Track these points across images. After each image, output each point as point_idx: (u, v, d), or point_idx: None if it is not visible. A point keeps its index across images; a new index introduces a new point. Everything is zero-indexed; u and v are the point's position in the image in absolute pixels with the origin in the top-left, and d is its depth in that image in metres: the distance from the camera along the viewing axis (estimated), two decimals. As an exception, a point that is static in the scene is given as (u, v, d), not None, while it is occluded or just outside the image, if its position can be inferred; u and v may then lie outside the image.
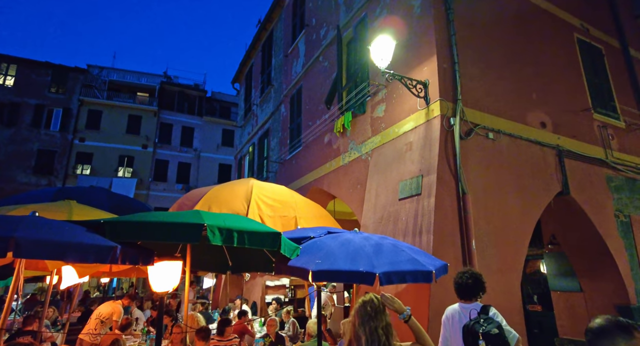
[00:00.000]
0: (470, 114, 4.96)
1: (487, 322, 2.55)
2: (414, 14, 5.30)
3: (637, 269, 5.96)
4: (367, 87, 6.21)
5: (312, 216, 6.39)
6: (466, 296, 2.93)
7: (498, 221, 4.85)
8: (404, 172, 5.19)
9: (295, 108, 9.30)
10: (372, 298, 1.98)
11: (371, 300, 1.97)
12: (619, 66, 7.30)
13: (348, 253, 3.37)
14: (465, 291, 2.94)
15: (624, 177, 6.45)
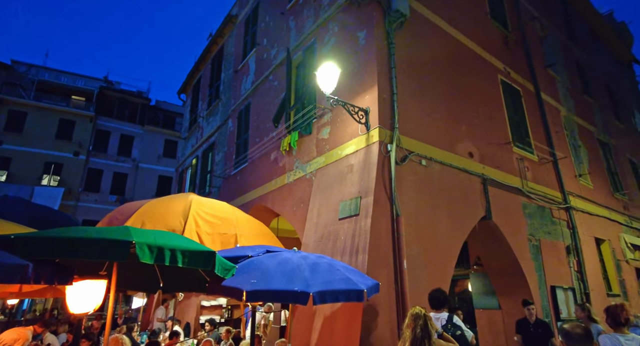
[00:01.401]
0: (406, 142, 5.33)
1: (454, 327, 3.64)
2: (359, 44, 5.66)
3: (543, 288, 6.65)
4: (314, 110, 6.41)
5: (253, 234, 6.31)
6: (437, 307, 3.93)
7: (428, 242, 5.18)
8: (344, 193, 5.38)
9: (242, 124, 9.26)
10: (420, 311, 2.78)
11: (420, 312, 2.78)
12: (533, 107, 8.33)
13: (285, 272, 3.40)
14: (437, 304, 3.94)
15: (536, 204, 7.25)
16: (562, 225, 7.76)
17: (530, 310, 5.09)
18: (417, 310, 2.76)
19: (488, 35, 7.86)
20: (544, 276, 6.83)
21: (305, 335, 4.92)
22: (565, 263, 7.48)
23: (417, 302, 4.71)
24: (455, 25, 6.94)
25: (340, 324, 4.57)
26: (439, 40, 6.58)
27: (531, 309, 5.09)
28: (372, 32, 5.42)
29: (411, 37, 5.94)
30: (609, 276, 8.71)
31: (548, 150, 8.13)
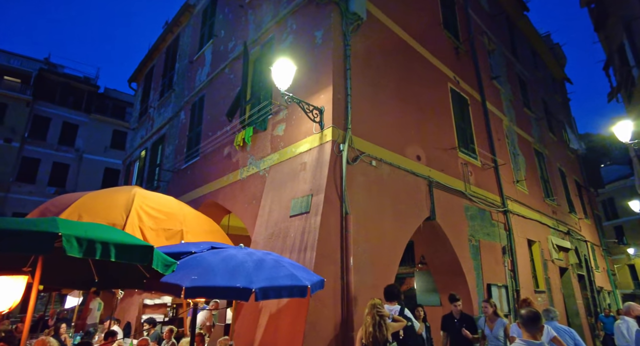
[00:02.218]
0: (358, 142, 5.45)
1: (404, 318, 4.07)
2: (316, 43, 5.70)
3: (480, 286, 7.11)
4: (270, 106, 6.36)
5: (201, 230, 6.14)
6: (391, 299, 4.33)
7: (375, 240, 5.33)
8: (296, 191, 5.39)
9: (196, 116, 8.96)
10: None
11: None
12: (478, 115, 8.87)
13: (228, 269, 3.34)
14: (390, 296, 4.36)
15: (477, 207, 7.73)
16: (499, 227, 8.34)
17: (456, 306, 5.12)
18: (374, 300, 3.72)
19: (440, 45, 8.25)
20: (481, 275, 7.29)
21: (250, 333, 4.87)
22: (500, 262, 8.04)
23: (362, 298, 4.86)
24: (410, 33, 7.21)
25: (285, 320, 4.58)
26: (394, 45, 6.79)
27: (457, 305, 5.12)
28: (329, 32, 5.48)
29: (367, 40, 6.08)
30: (537, 275, 9.50)
31: (490, 157, 8.70)
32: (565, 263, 11.40)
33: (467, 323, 4.93)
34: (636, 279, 27.68)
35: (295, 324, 4.37)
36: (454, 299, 5.13)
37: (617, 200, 27.61)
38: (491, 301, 4.91)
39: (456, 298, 5.19)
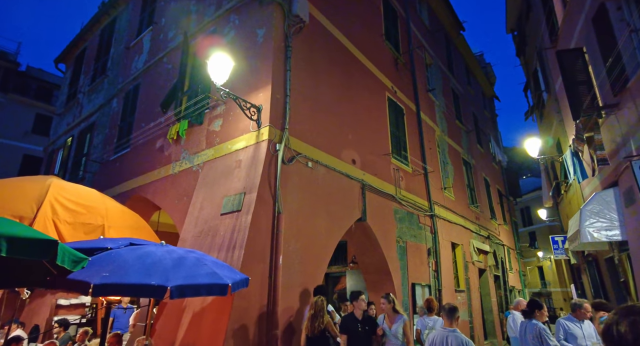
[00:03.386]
0: (295, 143, 5.53)
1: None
2: (258, 41, 5.68)
3: (405, 285, 7.56)
4: (208, 100, 6.20)
5: (126, 226, 5.81)
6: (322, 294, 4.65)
7: (306, 240, 5.44)
8: (229, 188, 5.32)
9: (129, 105, 8.44)
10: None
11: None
12: (413, 125, 9.42)
13: (144, 266, 3.21)
14: (320, 294, 4.63)
15: (406, 210, 8.21)
16: (426, 230, 8.92)
17: (372, 309, 5.12)
18: (317, 298, 4.43)
19: (381, 55, 8.64)
20: (407, 274, 7.75)
21: (172, 332, 4.71)
22: (425, 263, 8.61)
23: (289, 297, 4.94)
24: (353, 41, 7.47)
25: (208, 319, 4.50)
26: (336, 51, 6.99)
27: (373, 309, 5.10)
28: (271, 31, 5.50)
29: (309, 44, 6.19)
30: (459, 275, 10.31)
31: (421, 164, 9.29)
32: (484, 265, 12.50)
33: (370, 325, 4.37)
34: (543, 279, 31.14)
35: (218, 322, 4.32)
36: (355, 297, 4.43)
37: (532, 209, 30.84)
38: (390, 297, 4.54)
39: (371, 303, 4.93)
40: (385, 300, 4.51)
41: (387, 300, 4.50)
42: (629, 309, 1.32)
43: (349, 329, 4.26)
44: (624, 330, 1.27)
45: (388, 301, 4.48)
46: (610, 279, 8.05)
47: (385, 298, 4.52)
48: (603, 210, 6.40)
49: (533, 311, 4.17)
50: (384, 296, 4.57)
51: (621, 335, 1.28)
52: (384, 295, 4.59)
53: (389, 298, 4.50)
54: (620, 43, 4.98)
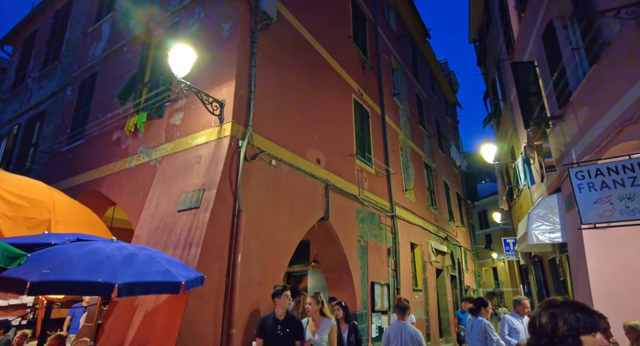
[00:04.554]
0: (258, 140, 5.48)
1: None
2: (223, 35, 5.58)
3: (365, 284, 7.70)
4: (168, 92, 6.00)
5: (76, 222, 5.48)
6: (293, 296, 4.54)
7: (267, 238, 5.40)
8: (188, 184, 5.18)
9: (85, 94, 7.99)
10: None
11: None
12: (377, 127, 9.63)
13: (90, 262, 3.06)
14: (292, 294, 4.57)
15: (368, 211, 8.37)
16: (386, 230, 9.14)
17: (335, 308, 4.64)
18: (300, 297, 4.77)
19: (349, 57, 8.76)
20: (366, 273, 7.90)
21: (121, 332, 4.51)
22: (385, 262, 8.82)
23: (248, 296, 4.88)
24: (321, 41, 7.51)
25: (161, 318, 4.36)
26: (303, 50, 7.01)
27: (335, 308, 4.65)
28: (237, 26, 5.42)
29: (276, 41, 6.16)
30: (417, 275, 10.65)
31: (384, 166, 9.50)
32: (441, 265, 12.99)
33: (292, 327, 3.75)
34: (497, 279, 32.85)
35: (171, 322, 4.19)
36: (278, 293, 3.82)
37: (489, 212, 32.45)
38: (319, 297, 3.90)
39: (284, 290, 3.86)
40: (313, 301, 3.88)
41: (315, 300, 3.87)
42: (549, 303, 1.44)
43: (265, 332, 3.66)
44: (544, 321, 1.38)
45: (316, 302, 3.86)
46: (552, 278, 8.65)
47: (314, 298, 3.90)
48: (548, 214, 6.85)
49: (479, 309, 4.40)
50: (313, 295, 3.97)
51: (542, 325, 1.38)
52: (313, 294, 4.01)
53: (318, 298, 3.89)
54: (565, 59, 5.37)
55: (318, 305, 3.88)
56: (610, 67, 4.37)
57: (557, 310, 1.36)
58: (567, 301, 1.38)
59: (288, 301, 3.82)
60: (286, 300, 3.78)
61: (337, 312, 4.41)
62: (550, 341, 1.32)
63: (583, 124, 5.33)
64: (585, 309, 1.35)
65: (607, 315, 2.92)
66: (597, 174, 3.47)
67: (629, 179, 3.28)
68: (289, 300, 3.82)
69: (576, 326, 1.31)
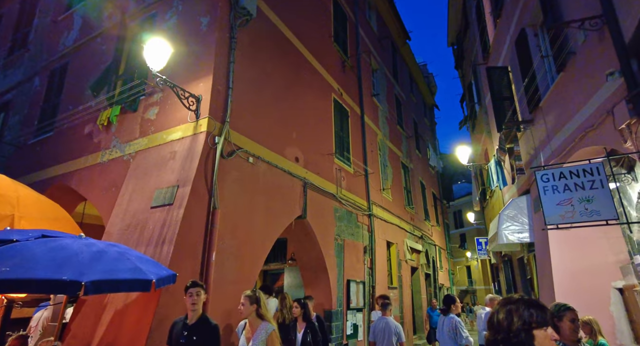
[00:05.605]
0: (236, 137, 5.43)
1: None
2: (201, 30, 5.49)
3: (341, 281, 7.77)
4: (144, 85, 5.86)
5: (42, 217, 5.26)
6: (269, 293, 5.19)
7: (243, 236, 5.37)
8: (162, 180, 5.08)
9: (55, 85, 7.68)
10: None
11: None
12: (356, 127, 9.71)
13: (56, 259, 2.96)
14: (267, 291, 5.21)
15: (345, 209, 8.44)
16: (363, 229, 9.25)
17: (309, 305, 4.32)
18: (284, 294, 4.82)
19: (329, 56, 8.79)
20: (343, 271, 7.97)
21: (89, 332, 4.38)
22: (361, 260, 8.92)
23: (222, 293, 4.84)
24: (302, 40, 7.50)
25: (131, 317, 4.26)
26: (284, 48, 6.98)
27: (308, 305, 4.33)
28: (216, 21, 5.34)
29: (255, 38, 6.11)
30: (392, 273, 10.83)
31: (362, 166, 9.60)
32: (416, 263, 13.26)
33: (201, 334, 3.15)
34: (470, 277, 33.82)
35: (142, 320, 4.11)
36: (185, 289, 3.31)
37: (464, 212, 33.34)
38: (254, 295, 3.17)
39: (194, 286, 3.29)
40: (247, 300, 3.13)
41: (249, 299, 3.12)
42: (507, 300, 1.51)
43: (171, 340, 3.24)
44: (501, 317, 1.45)
45: (250, 301, 3.10)
46: (520, 276, 8.99)
47: (248, 298, 3.15)
48: (517, 215, 7.12)
49: (449, 307, 4.53)
50: (247, 294, 3.20)
51: (499, 321, 1.45)
52: (249, 292, 3.23)
53: (253, 296, 3.15)
54: (535, 66, 5.59)
55: (253, 306, 3.11)
56: (575, 75, 4.58)
57: (513, 306, 1.43)
58: (522, 298, 1.45)
59: (191, 300, 3.21)
60: (192, 299, 3.20)
61: (294, 310, 4.19)
62: (506, 336, 1.39)
63: (551, 129, 5.56)
64: (538, 305, 1.43)
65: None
66: (560, 177, 3.64)
67: (589, 182, 3.46)
68: (192, 298, 3.21)
69: (529, 321, 1.38)
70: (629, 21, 3.22)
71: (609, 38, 3.45)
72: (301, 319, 4.13)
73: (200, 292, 3.26)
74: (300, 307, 4.13)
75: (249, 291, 3.21)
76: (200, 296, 3.27)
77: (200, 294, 3.27)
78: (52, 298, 5.88)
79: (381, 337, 4.54)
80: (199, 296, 3.27)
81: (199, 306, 3.26)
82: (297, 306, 4.15)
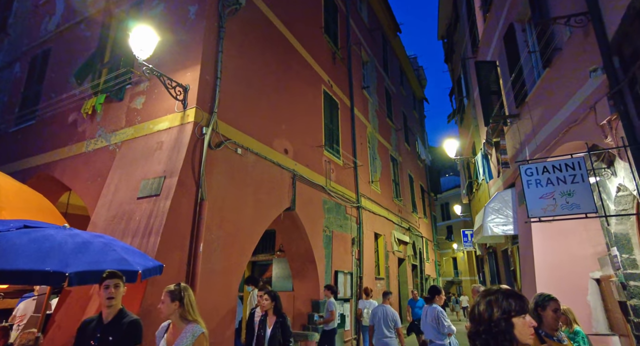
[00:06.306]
0: (224, 128, 5.38)
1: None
2: (189, 18, 5.39)
3: (329, 272, 7.86)
4: (130, 74, 5.74)
5: (25, 207, 5.16)
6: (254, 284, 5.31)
7: (231, 228, 5.36)
8: (149, 171, 5.02)
9: (36, 72, 7.47)
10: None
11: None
12: (346, 119, 9.72)
13: (39, 250, 2.92)
14: (252, 282, 5.41)
15: (334, 201, 8.49)
16: (352, 221, 9.32)
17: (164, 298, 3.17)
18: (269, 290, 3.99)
19: (319, 48, 8.73)
20: (331, 263, 8.05)
21: (74, 322, 4.34)
22: (349, 252, 9.01)
23: (210, 284, 4.85)
24: (292, 30, 7.43)
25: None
26: (274, 38, 6.90)
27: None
28: (204, 9, 5.25)
29: (245, 27, 6.02)
30: (379, 264, 10.98)
31: (351, 158, 9.64)
32: (403, 255, 13.46)
33: (117, 333, 2.59)
34: (456, 269, 34.48)
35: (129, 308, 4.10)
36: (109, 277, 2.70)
37: (451, 205, 33.81)
38: (176, 291, 2.54)
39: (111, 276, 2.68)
40: (167, 296, 2.49)
41: (170, 295, 2.49)
42: (487, 291, 1.55)
43: (80, 343, 2.66)
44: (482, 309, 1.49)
45: (171, 298, 2.47)
46: (504, 268, 9.21)
47: (169, 294, 2.51)
48: (502, 208, 7.27)
49: (433, 297, 4.63)
50: (169, 289, 2.57)
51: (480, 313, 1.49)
52: (172, 287, 2.58)
53: (175, 292, 2.51)
54: (522, 61, 5.66)
55: (174, 303, 2.49)
56: (560, 71, 4.66)
57: (493, 297, 1.48)
58: (500, 290, 1.50)
59: (107, 294, 2.63)
60: (108, 292, 2.63)
61: (264, 303, 3.79)
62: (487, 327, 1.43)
63: (536, 124, 5.66)
64: (516, 295, 1.48)
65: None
66: (543, 171, 3.73)
67: (570, 176, 3.55)
68: (109, 292, 2.65)
69: (508, 310, 1.43)
70: (613, 19, 3.28)
71: (593, 35, 3.51)
72: (272, 312, 3.75)
73: (119, 284, 2.73)
74: (271, 299, 3.75)
75: (172, 286, 2.60)
76: (120, 289, 2.74)
77: (120, 286, 2.74)
78: (37, 289, 5.82)
79: (379, 322, 5.13)
80: (117, 290, 2.72)
81: (118, 301, 2.73)
82: (267, 298, 3.73)
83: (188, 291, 2.63)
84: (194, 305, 2.62)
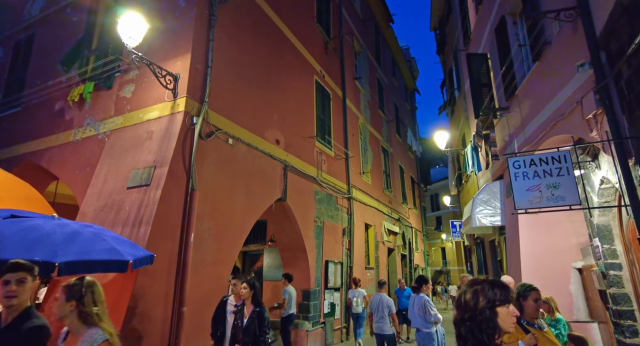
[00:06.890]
0: (215, 118, 5.34)
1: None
2: (179, 6, 5.28)
3: (320, 262, 7.94)
4: (119, 62, 5.63)
5: (11, 197, 5.07)
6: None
7: (222, 218, 5.36)
8: (138, 161, 4.98)
9: (20, 57, 7.27)
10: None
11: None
12: (338, 110, 9.70)
13: (27, 240, 2.90)
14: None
15: (325, 192, 8.53)
16: (343, 211, 9.40)
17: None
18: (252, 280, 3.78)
19: (311, 38, 8.65)
20: (321, 252, 8.13)
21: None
22: (340, 242, 9.10)
23: (201, 275, 4.87)
24: (284, 19, 7.34)
25: (108, 298, 4.12)
26: (265, 28, 6.82)
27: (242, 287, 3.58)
28: (195, -4, 5.15)
29: (236, 16, 5.94)
30: (369, 254, 11.12)
31: (343, 149, 9.66)
32: (393, 245, 13.64)
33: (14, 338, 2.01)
34: (445, 258, 35.08)
35: (119, 300, 4.09)
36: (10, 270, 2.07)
37: (440, 196, 34.20)
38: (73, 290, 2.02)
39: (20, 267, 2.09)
40: (62, 295, 2.00)
41: (66, 292, 2.00)
42: (473, 281, 1.60)
43: None
44: (468, 298, 1.55)
45: (67, 296, 1.98)
46: (491, 258, 9.41)
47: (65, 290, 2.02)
48: (490, 199, 7.39)
49: (421, 286, 4.73)
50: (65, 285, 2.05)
51: (466, 301, 1.55)
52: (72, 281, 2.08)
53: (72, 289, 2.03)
54: (513, 54, 5.70)
55: (69, 304, 1.98)
56: (549, 65, 4.71)
57: (479, 287, 1.53)
58: (487, 280, 1.55)
59: (6, 291, 2.02)
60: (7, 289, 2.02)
61: (242, 292, 3.60)
62: (472, 315, 1.49)
63: (525, 117, 5.74)
64: (501, 285, 1.53)
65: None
66: (530, 164, 3.80)
67: (556, 169, 3.63)
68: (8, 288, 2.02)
69: (493, 300, 1.48)
70: (601, 14, 3.33)
71: (582, 30, 3.55)
72: (249, 302, 3.58)
73: (25, 279, 2.08)
74: (250, 288, 3.56)
75: (73, 280, 2.09)
76: (26, 285, 2.09)
77: (26, 282, 2.09)
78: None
79: (376, 309, 5.63)
80: (21, 286, 2.06)
81: (21, 299, 2.06)
82: (245, 287, 3.53)
83: (93, 288, 2.10)
84: (100, 306, 2.09)
